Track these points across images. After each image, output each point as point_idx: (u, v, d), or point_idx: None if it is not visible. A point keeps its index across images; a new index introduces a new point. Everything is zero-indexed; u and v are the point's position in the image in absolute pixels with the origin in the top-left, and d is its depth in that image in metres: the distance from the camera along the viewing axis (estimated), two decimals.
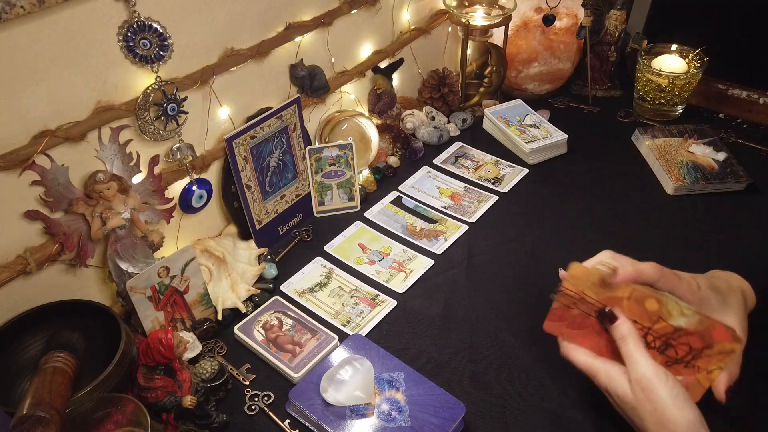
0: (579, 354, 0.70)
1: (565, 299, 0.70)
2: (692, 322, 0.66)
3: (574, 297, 0.70)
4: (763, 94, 1.31)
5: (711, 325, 0.65)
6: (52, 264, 0.78)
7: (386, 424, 0.73)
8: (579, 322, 0.71)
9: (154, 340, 0.71)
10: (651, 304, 0.67)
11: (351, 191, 1.11)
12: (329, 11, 1.04)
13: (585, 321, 0.70)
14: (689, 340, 0.66)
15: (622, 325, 0.66)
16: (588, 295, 0.69)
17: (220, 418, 0.75)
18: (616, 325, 0.67)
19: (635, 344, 0.65)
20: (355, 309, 0.92)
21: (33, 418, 0.56)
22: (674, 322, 0.66)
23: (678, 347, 0.67)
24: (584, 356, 0.70)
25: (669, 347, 0.67)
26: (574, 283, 0.69)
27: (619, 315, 0.67)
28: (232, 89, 0.93)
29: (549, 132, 1.24)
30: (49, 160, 0.73)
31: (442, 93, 1.33)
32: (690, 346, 0.66)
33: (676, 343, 0.67)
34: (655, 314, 0.67)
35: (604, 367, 0.68)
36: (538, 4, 1.33)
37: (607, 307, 0.68)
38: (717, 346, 0.65)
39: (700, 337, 0.66)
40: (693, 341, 0.66)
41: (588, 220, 1.08)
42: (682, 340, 0.66)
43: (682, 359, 0.67)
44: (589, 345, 0.71)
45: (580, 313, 0.70)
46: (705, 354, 0.66)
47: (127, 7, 0.74)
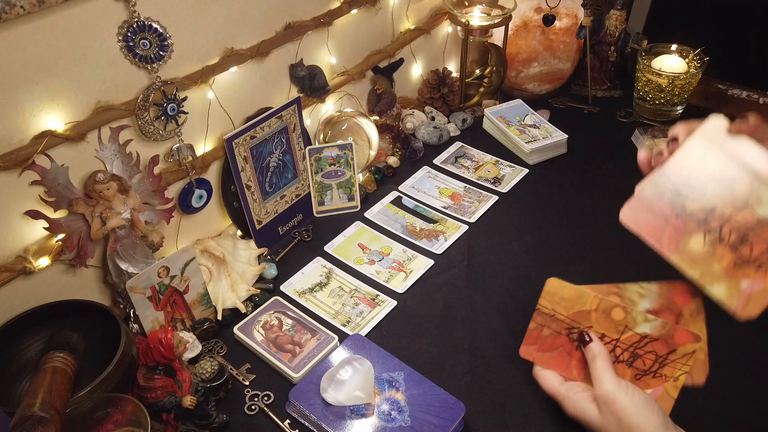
0: (547, 380, 0.72)
1: (540, 318, 0.72)
2: (656, 326, 0.67)
3: (548, 315, 0.71)
4: (763, 94, 1.31)
5: (672, 328, 0.66)
6: (52, 264, 0.78)
7: (386, 424, 0.73)
8: (550, 343, 0.72)
9: (154, 340, 0.71)
10: (617, 314, 0.68)
11: (351, 191, 1.11)
12: (329, 11, 1.04)
13: (556, 341, 0.71)
14: (654, 347, 0.68)
15: (593, 346, 0.69)
16: (559, 312, 0.71)
17: (220, 418, 0.75)
18: (588, 346, 0.69)
19: (603, 363, 0.68)
20: (355, 309, 0.92)
21: (33, 418, 0.56)
22: (639, 330, 0.68)
23: (645, 357, 0.68)
24: (552, 382, 0.72)
25: (637, 358, 0.69)
26: (549, 300, 0.71)
27: (592, 337, 0.69)
28: (232, 89, 0.93)
29: (549, 132, 1.24)
30: (49, 160, 0.73)
31: (442, 93, 1.33)
32: (656, 354, 0.68)
33: (642, 353, 0.68)
34: (621, 324, 0.68)
35: (568, 395, 0.70)
36: (538, 4, 1.33)
37: (583, 330, 0.70)
38: (680, 348, 0.67)
39: (664, 341, 0.67)
40: (658, 347, 0.68)
41: (588, 220, 1.08)
42: (648, 348, 0.68)
43: (649, 370, 0.68)
44: (560, 366, 0.72)
45: (551, 333, 0.71)
46: (670, 360, 0.67)
47: (126, 7, 0.74)
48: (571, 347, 0.71)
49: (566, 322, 0.70)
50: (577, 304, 0.69)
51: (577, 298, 0.69)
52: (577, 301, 0.69)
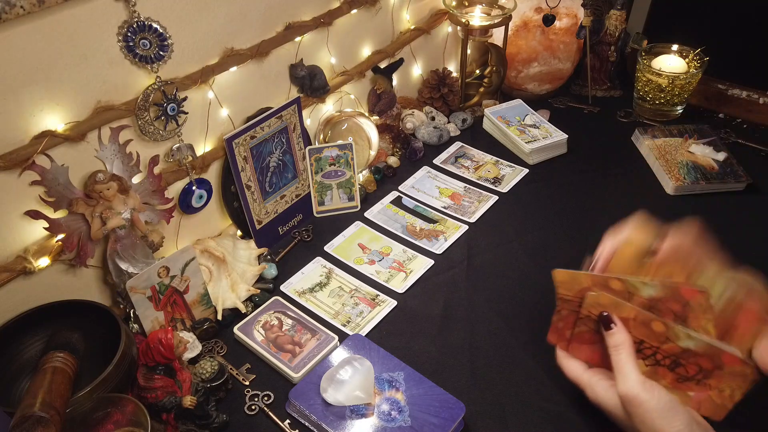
0: (571, 366, 0.71)
1: (565, 305, 0.71)
2: (700, 345, 0.65)
3: (574, 300, 0.70)
4: (763, 94, 1.31)
5: (719, 350, 0.65)
6: (52, 264, 0.78)
7: (386, 424, 0.73)
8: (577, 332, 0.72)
9: (153, 340, 0.71)
10: (657, 326, 0.67)
11: (351, 191, 1.11)
12: (329, 11, 1.04)
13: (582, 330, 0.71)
14: (699, 361, 0.66)
15: (617, 333, 0.66)
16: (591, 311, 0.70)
17: (220, 418, 0.75)
18: (611, 332, 0.67)
19: (627, 355, 0.65)
20: (355, 309, 0.92)
21: (33, 418, 0.56)
22: (682, 344, 0.66)
23: (688, 366, 0.67)
24: (575, 368, 0.71)
25: (679, 366, 0.67)
26: (567, 288, 0.70)
27: (616, 322, 0.67)
28: (231, 89, 0.93)
29: (549, 132, 1.24)
30: (49, 160, 0.73)
31: (442, 93, 1.33)
32: (700, 366, 0.66)
33: (685, 362, 0.67)
34: (662, 335, 0.67)
35: (590, 383, 0.68)
36: (538, 4, 1.33)
37: (605, 312, 0.67)
38: (727, 368, 0.65)
39: (709, 359, 0.65)
40: (703, 362, 0.66)
41: (587, 220, 1.08)
42: (692, 360, 0.66)
43: (693, 377, 0.67)
44: (584, 355, 0.72)
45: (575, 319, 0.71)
46: (716, 374, 0.66)
47: (126, 7, 0.74)
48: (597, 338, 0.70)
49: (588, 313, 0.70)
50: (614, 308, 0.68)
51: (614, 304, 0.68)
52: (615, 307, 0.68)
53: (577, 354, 0.73)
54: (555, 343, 0.74)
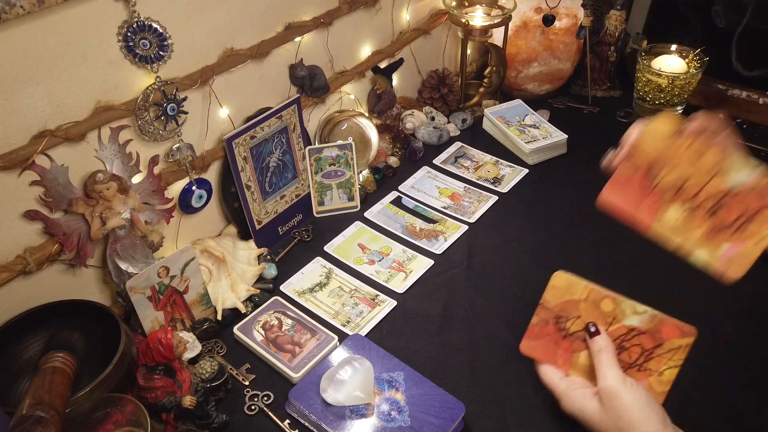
0: (547, 375, 0.72)
1: (544, 313, 0.71)
2: (644, 319, 0.67)
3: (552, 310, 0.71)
4: (762, 94, 1.31)
5: (661, 321, 0.66)
6: (52, 264, 0.78)
7: (386, 424, 0.73)
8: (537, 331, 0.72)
9: (153, 340, 0.71)
10: (606, 305, 0.68)
11: (351, 191, 1.11)
12: (329, 11, 1.04)
13: (543, 329, 0.71)
14: (641, 341, 0.68)
15: (599, 340, 0.68)
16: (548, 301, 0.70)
17: (220, 418, 0.75)
18: (594, 339, 0.69)
19: (608, 356, 0.67)
20: (355, 309, 0.92)
21: (33, 418, 0.56)
22: (627, 322, 0.68)
23: (631, 350, 0.68)
24: (551, 377, 0.71)
25: (623, 350, 0.68)
26: (556, 295, 0.70)
27: (600, 330, 0.69)
28: (231, 89, 0.93)
29: (549, 132, 1.24)
30: (49, 160, 0.73)
31: (442, 93, 1.33)
32: (642, 348, 0.68)
33: (629, 345, 0.68)
34: (610, 315, 0.68)
35: (566, 392, 0.69)
36: (537, 4, 1.33)
37: (591, 323, 0.69)
38: (666, 343, 0.67)
39: (650, 335, 0.67)
40: (644, 341, 0.68)
41: (587, 220, 1.08)
42: (635, 341, 0.68)
43: (635, 363, 0.68)
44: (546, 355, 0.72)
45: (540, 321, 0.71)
46: (656, 354, 0.67)
47: (126, 7, 0.74)
48: (558, 336, 0.71)
49: (554, 311, 0.71)
50: (566, 293, 0.70)
51: (567, 288, 0.69)
52: (567, 291, 0.70)
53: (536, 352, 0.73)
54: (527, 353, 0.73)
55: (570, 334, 0.71)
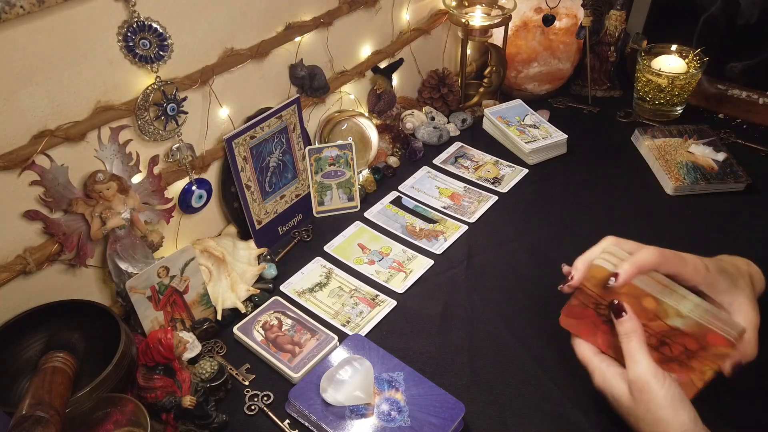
0: (582, 349, 0.71)
1: (584, 297, 0.71)
2: (688, 324, 0.66)
3: (592, 296, 0.70)
4: (762, 94, 1.31)
5: (707, 329, 0.65)
6: (52, 264, 0.78)
7: (386, 424, 0.73)
8: (577, 312, 0.72)
9: (153, 340, 0.71)
10: (648, 303, 0.67)
11: (351, 191, 1.11)
12: (329, 11, 1.04)
13: (584, 312, 0.71)
14: (684, 341, 0.66)
15: (627, 321, 0.66)
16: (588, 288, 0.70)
17: (220, 418, 0.75)
18: (621, 320, 0.66)
19: (638, 343, 0.65)
20: (355, 309, 0.92)
21: (32, 418, 0.56)
22: (670, 322, 0.66)
23: (673, 346, 0.67)
24: (586, 351, 0.71)
25: (664, 345, 0.68)
26: (595, 285, 0.69)
27: (627, 310, 0.66)
28: (231, 89, 0.93)
29: (549, 132, 1.24)
30: (49, 160, 0.73)
31: (442, 93, 1.33)
32: (685, 347, 0.66)
33: (671, 342, 0.67)
34: (651, 312, 0.67)
35: (600, 367, 0.68)
36: (537, 4, 1.33)
37: (616, 300, 0.67)
38: (712, 349, 0.65)
39: (695, 339, 0.66)
40: (688, 342, 0.66)
41: (587, 220, 1.08)
42: (678, 340, 0.67)
43: (676, 358, 0.67)
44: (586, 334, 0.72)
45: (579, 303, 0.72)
46: (699, 355, 0.66)
47: (126, 7, 0.74)
48: (597, 320, 0.70)
49: (594, 298, 0.70)
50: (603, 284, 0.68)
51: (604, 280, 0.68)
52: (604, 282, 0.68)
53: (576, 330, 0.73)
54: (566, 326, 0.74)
55: (610, 321, 0.69)
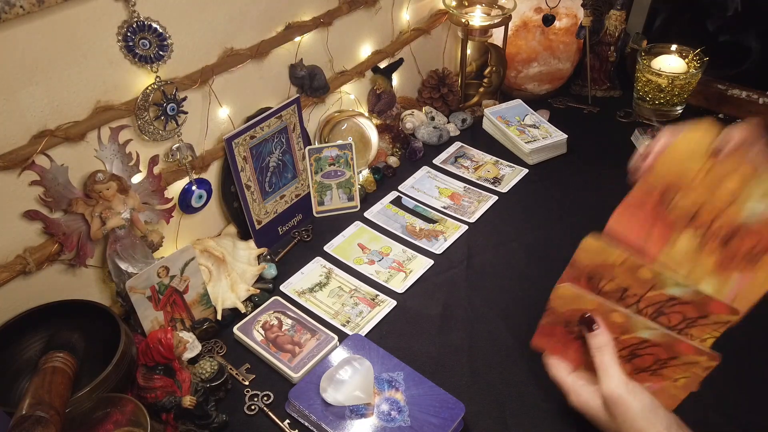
0: (556, 369, 0.71)
1: (554, 317, 0.70)
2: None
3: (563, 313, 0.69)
4: (762, 94, 1.31)
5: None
6: (52, 264, 0.78)
7: (386, 424, 0.73)
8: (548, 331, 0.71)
9: (153, 340, 0.71)
10: (616, 317, 0.66)
11: (351, 191, 1.11)
12: (329, 11, 1.04)
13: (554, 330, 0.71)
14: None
15: (599, 335, 0.66)
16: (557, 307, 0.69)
17: (220, 418, 0.75)
18: (593, 333, 0.66)
19: (610, 356, 0.65)
20: (355, 309, 0.92)
21: (32, 418, 0.56)
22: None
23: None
24: (560, 372, 0.71)
25: (636, 356, 0.67)
26: (563, 304, 0.68)
27: (599, 325, 0.66)
28: (231, 89, 0.93)
29: (548, 132, 1.24)
30: (49, 160, 0.73)
31: (442, 93, 1.33)
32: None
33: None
34: (621, 326, 0.66)
35: (574, 387, 0.68)
36: (537, 4, 1.33)
37: (587, 313, 0.67)
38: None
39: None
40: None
41: (588, 220, 1.08)
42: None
43: (648, 368, 0.67)
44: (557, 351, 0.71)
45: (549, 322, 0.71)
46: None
47: (126, 7, 0.74)
48: (568, 338, 0.70)
49: (564, 316, 0.69)
50: (574, 302, 0.67)
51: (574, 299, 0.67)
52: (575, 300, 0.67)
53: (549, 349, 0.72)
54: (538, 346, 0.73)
55: (580, 337, 0.69)
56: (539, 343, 0.73)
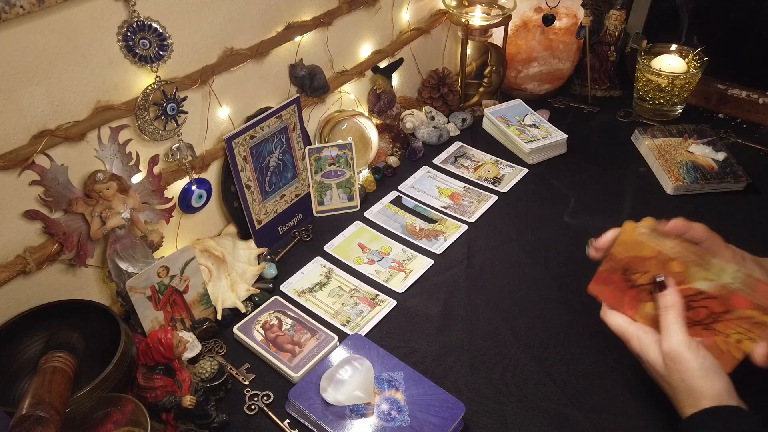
0: (615, 318, 0.73)
1: (613, 263, 0.73)
2: (714, 287, 0.67)
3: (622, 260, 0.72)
4: (762, 94, 1.31)
5: (732, 292, 0.66)
6: (52, 264, 0.78)
7: (386, 423, 0.73)
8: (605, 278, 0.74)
9: (153, 340, 0.71)
10: (674, 267, 0.69)
11: (351, 191, 1.11)
12: (329, 11, 1.04)
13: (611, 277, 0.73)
14: (709, 304, 0.68)
15: (668, 295, 0.68)
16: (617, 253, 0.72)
17: (220, 418, 0.75)
18: (662, 294, 0.69)
19: (675, 316, 0.67)
20: (355, 309, 0.92)
21: (32, 418, 0.56)
22: (696, 285, 0.68)
23: (698, 309, 0.68)
24: (620, 321, 0.73)
25: (689, 309, 0.69)
26: (625, 249, 0.71)
27: (670, 286, 0.69)
28: (231, 89, 0.93)
29: (548, 132, 1.24)
30: (49, 160, 0.73)
31: (442, 93, 1.33)
32: (710, 309, 0.68)
33: (696, 305, 0.69)
34: (678, 276, 0.69)
35: (637, 334, 0.70)
36: (537, 4, 1.33)
37: (660, 276, 0.69)
38: (737, 311, 0.66)
39: (720, 302, 0.67)
40: (713, 305, 0.68)
41: (588, 220, 1.08)
42: (702, 303, 0.68)
43: (701, 321, 0.69)
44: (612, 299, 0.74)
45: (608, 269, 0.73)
46: (724, 318, 0.67)
47: (126, 6, 0.74)
48: (625, 285, 0.73)
49: (622, 264, 0.72)
50: (634, 249, 0.71)
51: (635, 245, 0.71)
52: (635, 247, 0.71)
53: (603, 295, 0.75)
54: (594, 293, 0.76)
55: (637, 286, 0.72)
56: (595, 290, 0.75)
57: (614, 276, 0.73)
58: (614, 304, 0.74)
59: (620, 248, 0.72)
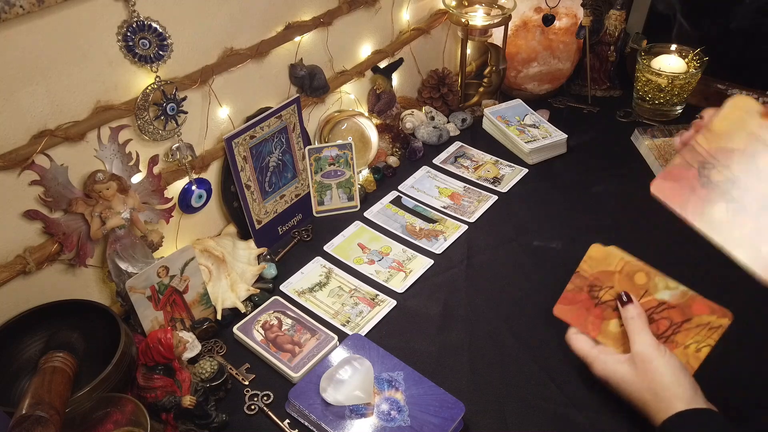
0: (578, 342, 0.76)
1: (579, 281, 0.76)
2: (675, 295, 0.73)
3: (588, 279, 0.76)
4: (762, 94, 1.31)
5: (692, 298, 0.72)
6: (52, 264, 0.78)
7: (386, 423, 0.73)
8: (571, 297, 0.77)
9: (153, 340, 0.71)
10: (640, 278, 0.74)
11: (350, 191, 1.11)
12: (329, 11, 1.04)
13: (577, 296, 0.77)
14: (670, 314, 0.73)
15: (632, 308, 0.73)
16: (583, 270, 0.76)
17: (220, 418, 0.75)
18: (628, 306, 0.73)
19: (641, 324, 0.71)
20: (355, 309, 0.92)
21: (32, 418, 0.56)
22: (659, 296, 0.73)
23: (660, 321, 0.73)
24: (582, 344, 0.76)
25: (652, 322, 0.73)
26: (592, 266, 0.75)
27: (632, 299, 0.74)
28: (231, 89, 0.93)
29: (548, 132, 1.24)
30: (49, 160, 0.73)
31: (442, 93, 1.33)
32: (670, 320, 0.73)
33: (658, 318, 0.74)
34: (642, 288, 0.74)
35: (599, 357, 0.73)
36: (537, 4, 1.33)
37: (624, 293, 0.74)
38: (695, 318, 0.72)
39: (680, 310, 0.73)
40: (673, 315, 0.73)
41: (587, 219, 1.08)
42: (664, 314, 0.73)
43: (662, 334, 0.73)
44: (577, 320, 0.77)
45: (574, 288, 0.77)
46: (683, 328, 0.73)
47: (126, 6, 0.74)
48: (590, 303, 0.76)
49: (589, 280, 0.76)
50: (602, 263, 0.75)
51: (603, 259, 0.75)
52: (603, 261, 0.75)
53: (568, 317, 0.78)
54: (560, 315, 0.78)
55: (602, 303, 0.75)
56: (560, 311, 0.78)
57: (580, 295, 0.77)
58: (578, 323, 0.77)
59: (587, 265, 0.76)
